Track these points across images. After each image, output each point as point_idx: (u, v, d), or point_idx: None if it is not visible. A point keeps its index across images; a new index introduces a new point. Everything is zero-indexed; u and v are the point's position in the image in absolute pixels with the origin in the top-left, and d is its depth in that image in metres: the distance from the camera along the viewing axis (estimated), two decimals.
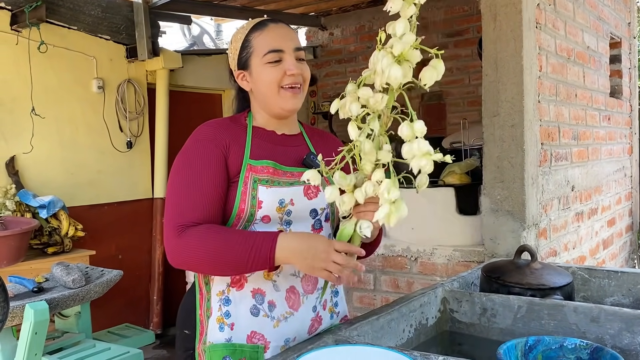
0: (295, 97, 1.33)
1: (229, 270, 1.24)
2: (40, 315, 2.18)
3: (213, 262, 1.21)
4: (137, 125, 4.41)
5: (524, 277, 1.69)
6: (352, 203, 1.16)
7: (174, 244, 1.24)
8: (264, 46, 1.32)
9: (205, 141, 1.31)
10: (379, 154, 1.12)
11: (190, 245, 1.22)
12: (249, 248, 1.19)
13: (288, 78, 1.31)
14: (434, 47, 1.09)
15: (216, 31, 8.77)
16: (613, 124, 3.92)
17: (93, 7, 4.05)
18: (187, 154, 1.31)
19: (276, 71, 1.31)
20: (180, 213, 1.25)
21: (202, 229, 1.23)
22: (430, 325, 1.62)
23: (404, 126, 1.07)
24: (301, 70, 1.33)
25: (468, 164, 2.86)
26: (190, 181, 1.27)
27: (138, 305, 4.40)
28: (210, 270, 1.27)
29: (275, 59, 1.31)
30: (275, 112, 1.36)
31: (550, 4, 2.76)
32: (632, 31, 4.46)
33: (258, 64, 1.33)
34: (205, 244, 1.21)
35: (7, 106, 3.65)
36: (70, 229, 3.58)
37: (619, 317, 1.40)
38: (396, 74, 1.05)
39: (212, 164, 1.28)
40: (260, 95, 1.35)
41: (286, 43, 1.32)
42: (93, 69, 4.11)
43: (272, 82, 1.32)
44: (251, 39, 1.34)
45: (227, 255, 1.20)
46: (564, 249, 2.96)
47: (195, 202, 1.25)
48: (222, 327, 1.31)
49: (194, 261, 1.23)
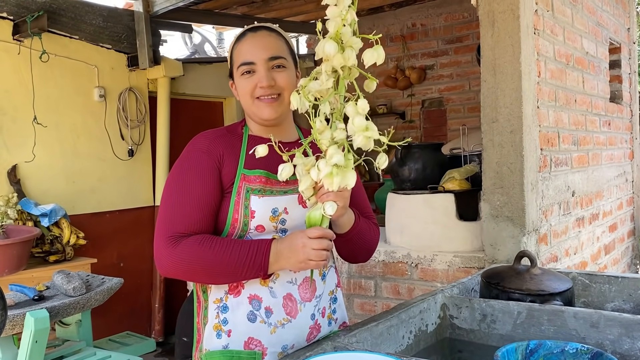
0: (270, 107, 1.33)
1: (223, 279, 1.27)
2: (41, 323, 2.18)
3: (207, 272, 1.24)
4: (139, 133, 4.42)
5: (523, 283, 1.68)
6: (309, 183, 1.20)
7: (165, 254, 1.25)
8: (238, 58, 1.34)
9: (199, 152, 1.32)
10: (333, 133, 1.17)
11: (184, 256, 1.23)
12: (243, 258, 1.22)
13: (259, 90, 1.32)
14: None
15: (217, 39, 8.81)
16: (613, 129, 3.92)
17: (94, 16, 4.08)
18: (180, 166, 1.33)
19: (249, 83, 1.32)
20: (172, 224, 1.27)
21: (195, 239, 1.24)
22: (430, 332, 1.61)
23: (349, 106, 1.15)
24: (274, 80, 1.32)
25: (468, 169, 2.86)
26: (182, 192, 1.29)
27: (139, 313, 4.40)
28: (203, 280, 1.30)
29: (247, 70, 1.32)
30: (256, 121, 1.38)
31: (548, 10, 2.77)
32: (631, 37, 4.47)
33: (236, 75, 1.36)
34: (198, 254, 1.22)
35: (9, 115, 3.67)
36: (71, 237, 3.59)
37: (618, 323, 1.40)
38: (329, 48, 1.13)
39: (205, 175, 1.29)
40: (242, 105, 1.39)
41: (258, 54, 1.32)
42: (94, 78, 4.14)
43: (246, 94, 1.34)
44: (233, 50, 1.37)
45: (221, 265, 1.22)
46: (565, 254, 2.95)
47: (187, 213, 1.27)
48: (219, 334, 1.31)
49: (187, 271, 1.25)
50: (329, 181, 1.15)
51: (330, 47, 1.13)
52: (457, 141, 3.27)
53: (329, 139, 1.17)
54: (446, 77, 5.13)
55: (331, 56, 1.13)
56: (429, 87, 5.24)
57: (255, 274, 1.24)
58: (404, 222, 2.85)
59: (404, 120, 5.36)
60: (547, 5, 2.75)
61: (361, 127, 1.13)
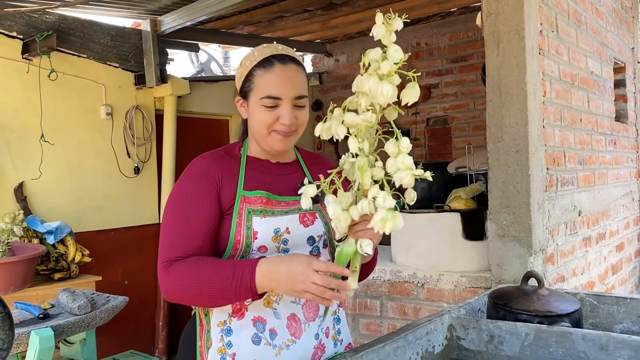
0: (284, 141, 1.33)
1: (217, 300, 1.23)
2: (46, 342, 2.17)
3: (198, 293, 1.21)
4: (145, 151, 4.45)
5: (531, 304, 1.67)
6: (349, 221, 1.17)
7: (161, 279, 1.25)
8: (263, 88, 1.30)
9: (197, 177, 1.31)
10: (372, 170, 1.16)
11: (176, 278, 1.23)
12: (230, 277, 1.19)
13: (280, 125, 1.30)
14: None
15: (224, 58, 8.89)
16: (619, 148, 3.91)
17: (102, 35, 4.13)
18: (179, 190, 1.32)
19: (270, 116, 1.30)
20: (170, 249, 1.27)
21: (185, 262, 1.24)
22: (437, 353, 1.60)
23: (390, 143, 1.13)
24: (296, 118, 1.31)
25: (474, 189, 2.86)
26: (181, 217, 1.28)
27: (144, 331, 4.38)
28: (200, 302, 1.27)
29: (271, 104, 1.30)
30: (264, 149, 1.37)
31: (552, 30, 2.78)
32: (636, 56, 4.48)
33: (255, 102, 1.32)
34: (188, 276, 1.22)
35: (17, 133, 3.70)
36: (77, 255, 3.59)
37: (628, 345, 1.38)
38: (388, 90, 1.11)
39: (204, 199, 1.29)
40: (252, 129, 1.37)
41: (286, 91, 1.30)
42: (102, 96, 4.17)
43: (263, 125, 1.31)
44: (255, 74, 1.32)
45: (211, 285, 1.20)
46: (572, 274, 2.93)
47: (185, 238, 1.26)
48: (224, 357, 1.30)
49: (182, 294, 1.24)
50: (381, 225, 1.11)
51: (388, 89, 1.11)
52: (463, 160, 3.27)
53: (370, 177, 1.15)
54: (451, 95, 5.16)
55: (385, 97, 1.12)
56: (434, 106, 5.26)
57: (246, 295, 1.20)
58: (410, 241, 2.84)
59: (408, 138, 5.38)
60: (551, 25, 2.77)
61: (408, 166, 1.12)
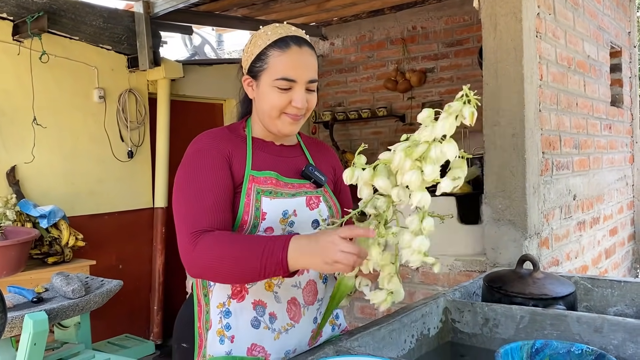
0: (294, 124, 1.31)
1: (245, 276, 1.17)
2: (40, 325, 2.16)
3: (228, 268, 1.15)
4: (138, 134, 4.41)
5: (526, 287, 1.68)
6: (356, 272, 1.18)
7: (191, 256, 1.18)
8: (278, 70, 1.26)
9: (207, 149, 1.28)
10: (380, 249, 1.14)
11: (206, 253, 1.16)
12: (261, 253, 1.13)
13: (292, 108, 1.28)
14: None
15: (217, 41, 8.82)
16: (614, 132, 3.92)
17: (95, 17, 4.06)
18: (189, 165, 1.28)
19: (283, 98, 1.27)
20: (193, 222, 1.20)
21: (215, 235, 1.18)
22: (432, 336, 1.60)
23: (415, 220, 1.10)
24: (307, 102, 1.30)
25: (469, 173, 2.85)
26: (198, 190, 1.23)
27: (138, 315, 4.38)
28: (227, 277, 1.20)
29: (285, 87, 1.27)
30: (272, 131, 1.34)
31: (550, 13, 2.76)
32: (632, 40, 4.47)
33: (267, 83, 1.28)
34: (219, 251, 1.16)
35: (8, 116, 3.66)
36: (70, 239, 3.57)
37: (622, 328, 1.39)
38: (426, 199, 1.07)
39: (218, 169, 1.25)
40: (261, 110, 1.33)
41: (302, 74, 1.27)
42: (94, 79, 4.12)
43: (275, 107, 1.28)
44: (269, 54, 1.28)
45: (241, 261, 1.14)
46: (566, 258, 2.94)
47: (207, 208, 1.21)
48: (222, 339, 1.30)
49: (212, 270, 1.17)
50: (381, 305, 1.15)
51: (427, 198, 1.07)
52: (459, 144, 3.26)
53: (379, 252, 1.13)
54: (446, 80, 5.13)
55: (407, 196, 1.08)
56: (429, 90, 5.23)
57: (276, 271, 1.15)
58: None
59: (404, 123, 5.36)
60: (549, 8, 2.75)
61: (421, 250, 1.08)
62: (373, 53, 5.47)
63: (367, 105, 5.53)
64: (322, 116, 5.68)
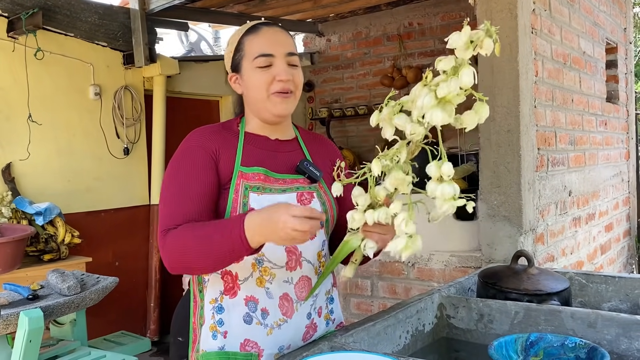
0: (284, 102, 1.32)
1: (214, 261, 1.19)
2: (35, 322, 2.16)
3: (195, 257, 1.18)
4: (134, 131, 4.40)
5: (521, 283, 1.68)
6: (362, 222, 1.18)
7: (163, 251, 1.24)
8: (254, 50, 1.31)
9: (195, 148, 1.30)
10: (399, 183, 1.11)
11: (172, 243, 1.21)
12: (221, 236, 1.16)
13: (277, 84, 1.30)
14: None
15: (214, 38, 8.79)
16: (610, 129, 3.93)
17: (90, 13, 4.05)
18: (176, 162, 1.31)
19: (266, 76, 1.30)
20: (169, 218, 1.25)
21: (179, 229, 1.22)
22: (427, 332, 1.60)
23: (432, 166, 1.07)
24: (292, 76, 1.31)
25: (465, 169, 2.86)
26: (179, 187, 1.27)
27: (135, 312, 4.38)
28: (198, 266, 1.22)
29: (265, 63, 1.30)
30: (265, 117, 1.35)
31: (545, 10, 2.76)
32: (628, 36, 4.47)
33: (249, 67, 1.32)
34: (182, 241, 1.19)
35: (3, 113, 3.65)
36: (66, 236, 3.57)
37: (616, 323, 1.40)
38: (437, 118, 1.04)
39: (202, 169, 1.28)
40: (250, 99, 1.35)
41: (277, 48, 1.31)
42: (90, 76, 4.11)
43: (261, 87, 1.30)
44: (244, 41, 1.33)
45: (205, 247, 1.17)
46: (562, 254, 2.95)
47: (185, 208, 1.25)
48: (215, 335, 1.30)
49: (180, 259, 1.21)
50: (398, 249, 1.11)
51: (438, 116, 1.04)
52: (454, 140, 3.27)
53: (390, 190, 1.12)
54: None
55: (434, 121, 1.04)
56: None
57: (240, 250, 1.16)
58: None
59: None
60: (544, 4, 2.75)
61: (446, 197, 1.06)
62: (369, 49, 5.46)
63: (363, 102, 5.53)
64: (318, 113, 5.67)
